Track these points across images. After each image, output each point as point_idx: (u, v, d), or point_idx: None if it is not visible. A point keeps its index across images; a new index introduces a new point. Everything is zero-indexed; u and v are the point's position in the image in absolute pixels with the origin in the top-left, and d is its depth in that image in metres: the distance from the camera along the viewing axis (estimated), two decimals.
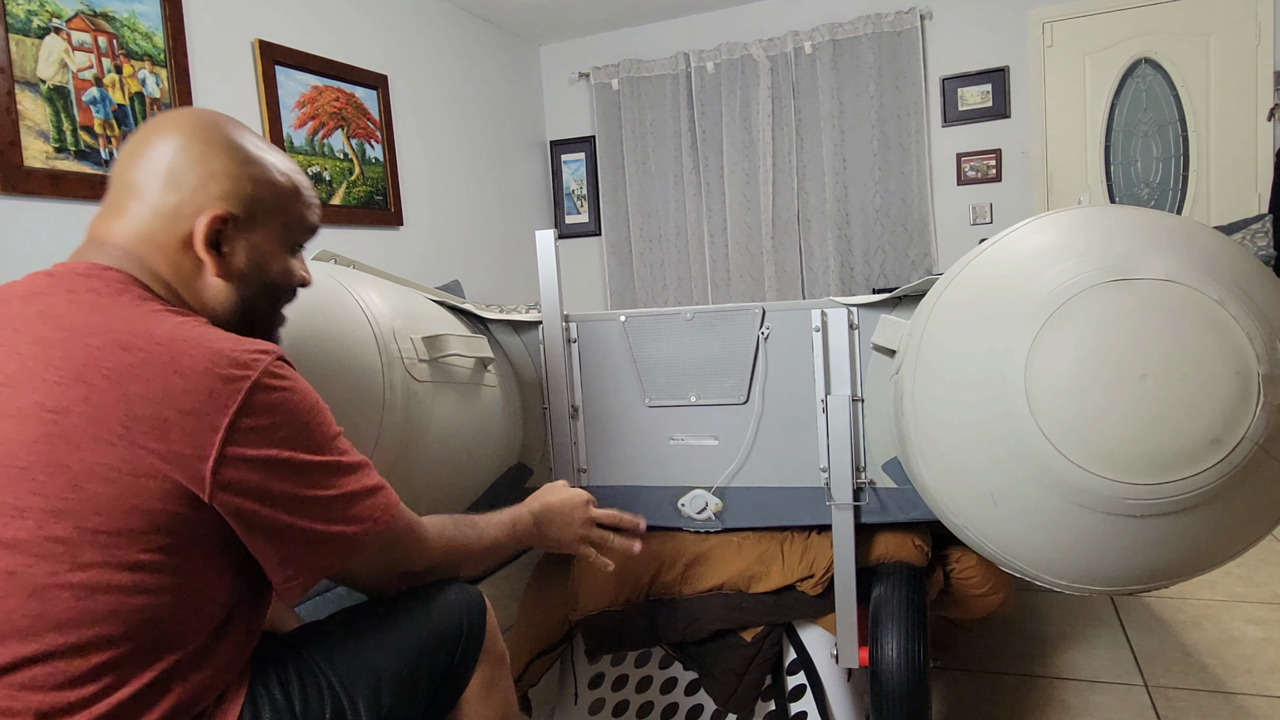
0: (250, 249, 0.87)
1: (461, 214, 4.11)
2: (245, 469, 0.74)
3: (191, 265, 0.84)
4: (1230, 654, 1.81)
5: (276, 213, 0.89)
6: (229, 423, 0.73)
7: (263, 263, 0.88)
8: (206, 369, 0.74)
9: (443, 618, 0.95)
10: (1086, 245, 0.92)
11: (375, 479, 0.86)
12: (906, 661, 1.27)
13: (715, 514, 1.44)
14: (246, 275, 0.87)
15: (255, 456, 0.74)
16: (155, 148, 0.84)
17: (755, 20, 4.42)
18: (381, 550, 0.87)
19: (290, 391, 0.78)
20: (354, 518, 0.82)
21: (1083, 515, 0.89)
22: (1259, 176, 3.75)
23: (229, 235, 0.85)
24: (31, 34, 2.25)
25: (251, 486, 0.74)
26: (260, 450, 0.75)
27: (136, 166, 0.84)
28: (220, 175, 0.84)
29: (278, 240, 0.89)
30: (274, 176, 0.88)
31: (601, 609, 1.46)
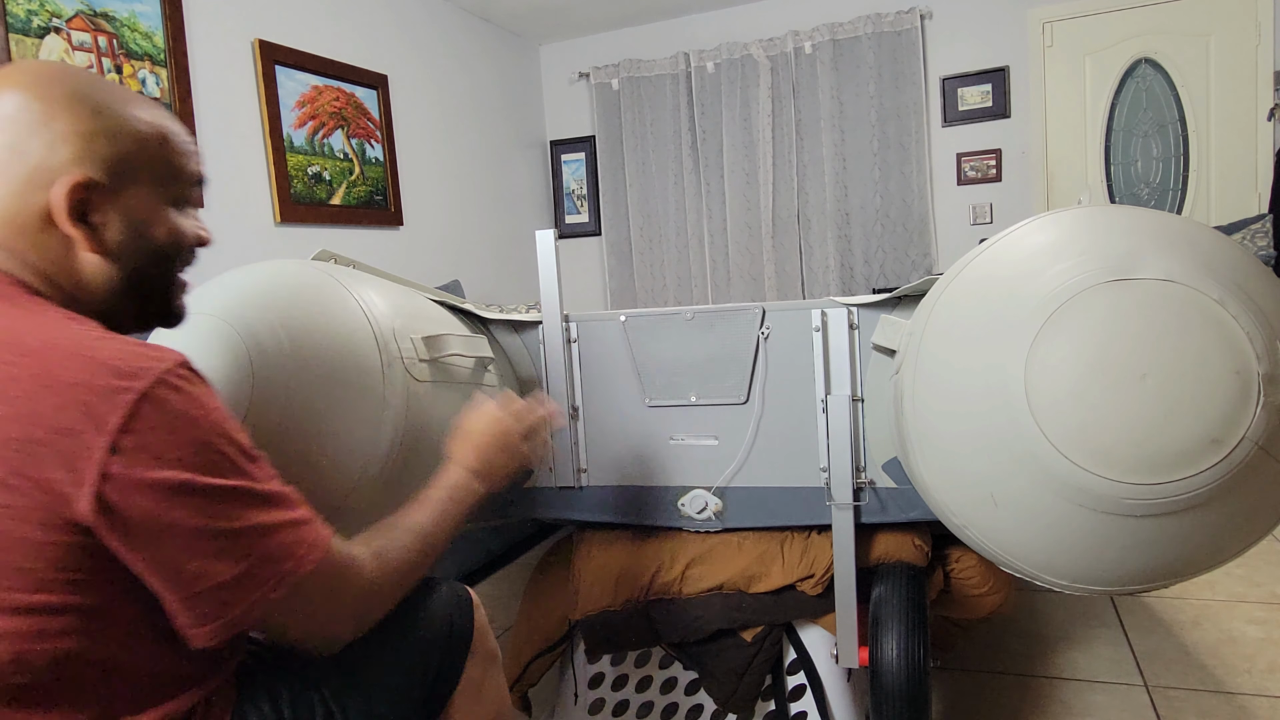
0: (124, 215, 0.75)
1: (461, 214, 4.12)
2: (133, 495, 0.63)
3: (59, 244, 0.73)
4: (1230, 654, 1.81)
5: (146, 168, 0.76)
6: (110, 442, 0.62)
7: (143, 228, 0.76)
8: (81, 381, 0.63)
9: (430, 619, 0.92)
10: (1086, 245, 0.92)
11: (298, 512, 0.74)
12: (906, 661, 1.27)
13: (715, 514, 1.44)
14: (127, 246, 0.75)
15: (144, 480, 0.63)
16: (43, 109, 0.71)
17: (755, 20, 4.42)
18: (309, 599, 0.74)
19: (188, 407, 0.67)
20: (269, 557, 0.70)
21: (1083, 515, 0.89)
22: (1259, 176, 3.75)
23: (95, 204, 0.73)
24: (31, 34, 2.25)
25: (141, 516, 0.64)
26: (150, 473, 0.64)
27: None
28: (70, 135, 0.72)
29: (156, 199, 0.77)
30: (134, 127, 0.75)
31: (601, 609, 1.46)
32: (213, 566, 0.67)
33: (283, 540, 0.71)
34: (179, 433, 0.65)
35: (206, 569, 0.67)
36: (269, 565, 0.70)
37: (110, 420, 0.63)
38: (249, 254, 2.90)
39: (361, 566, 0.80)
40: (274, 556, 0.70)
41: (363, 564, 0.80)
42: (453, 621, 0.95)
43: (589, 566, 1.48)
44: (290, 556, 0.71)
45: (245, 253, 2.89)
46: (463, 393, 1.27)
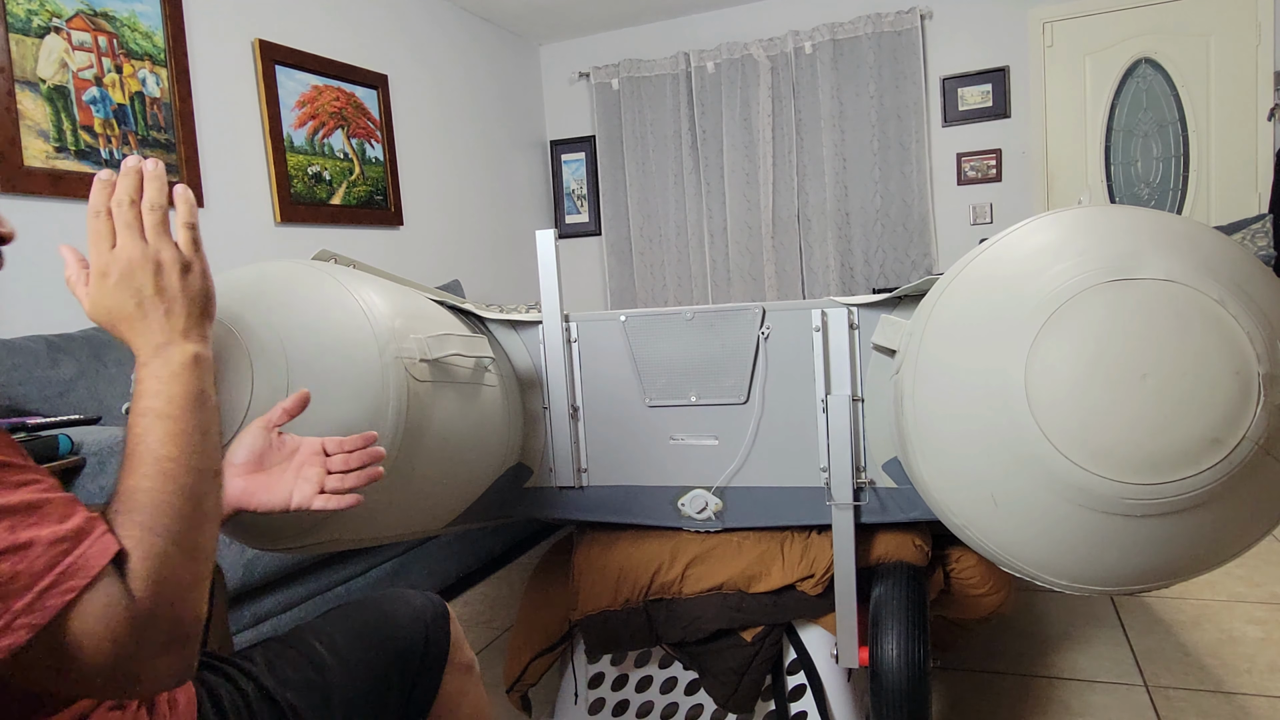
0: None
1: (461, 214, 4.12)
2: None
3: None
4: (1230, 654, 1.81)
5: None
6: None
7: None
8: None
9: (405, 631, 0.90)
10: (1086, 245, 0.92)
11: (65, 523, 0.56)
12: (906, 661, 1.27)
13: (715, 514, 1.44)
14: None
15: None
16: None
17: (755, 20, 4.42)
18: (70, 642, 0.54)
19: None
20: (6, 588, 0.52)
21: (1083, 515, 0.89)
22: (1259, 176, 3.75)
23: None
24: (31, 33, 2.25)
25: None
26: None
27: None
28: None
29: None
30: None
31: (601, 609, 1.46)
32: None
33: (19, 567, 0.53)
34: None
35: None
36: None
37: None
38: (249, 254, 2.90)
39: (137, 583, 0.58)
40: (6, 588, 0.52)
41: (140, 577, 0.58)
42: (428, 634, 0.93)
43: (589, 566, 1.48)
44: (30, 590, 0.53)
45: (245, 253, 2.89)
46: (463, 393, 1.27)
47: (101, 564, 0.56)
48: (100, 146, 2.41)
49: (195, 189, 2.67)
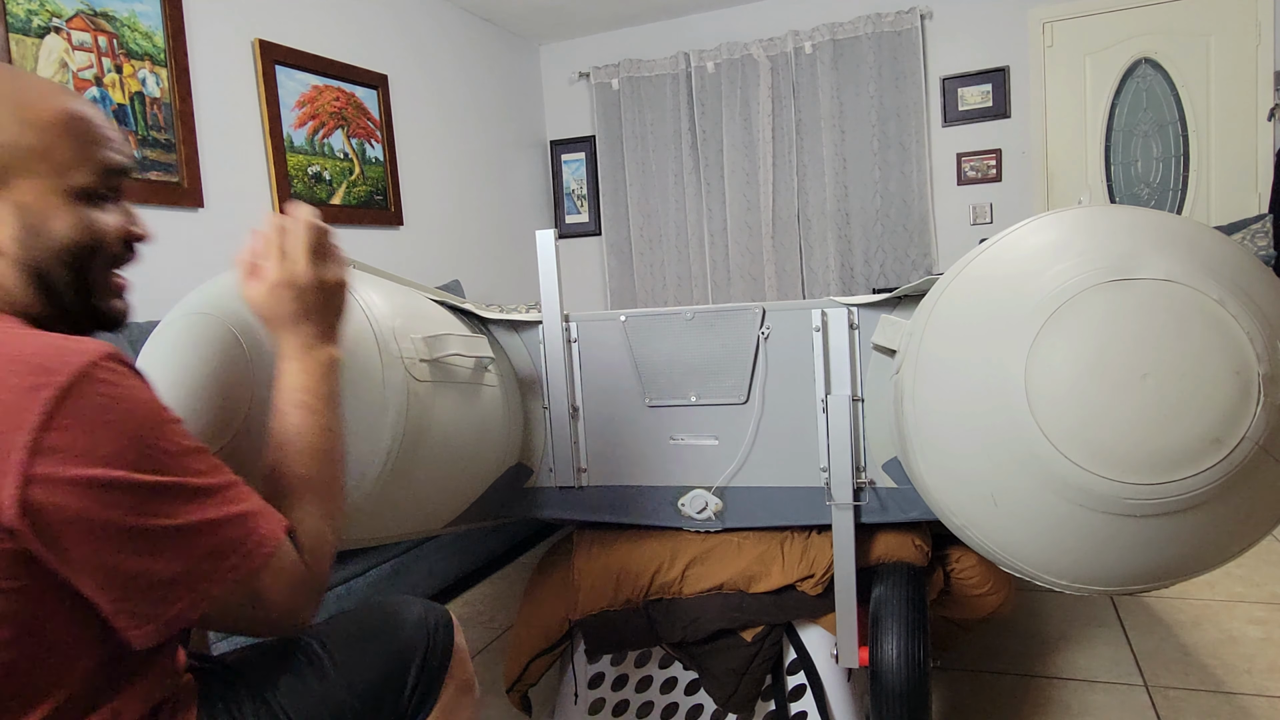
0: (16, 211, 0.69)
1: (461, 214, 4.12)
2: (59, 494, 0.60)
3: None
4: (1230, 654, 1.81)
5: (37, 156, 0.70)
6: (31, 440, 0.59)
7: (39, 224, 0.70)
8: (1, 380, 0.61)
9: (404, 639, 0.89)
10: (1086, 245, 0.92)
11: (244, 505, 0.71)
12: (906, 661, 1.27)
13: (715, 514, 1.44)
14: (23, 244, 0.70)
15: (70, 479, 0.60)
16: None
17: (755, 20, 4.42)
18: (260, 592, 0.71)
19: (117, 400, 0.63)
20: (210, 553, 0.68)
21: (1083, 515, 0.89)
22: (1259, 176, 3.75)
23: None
24: (31, 34, 2.25)
25: (69, 518, 0.61)
26: (76, 471, 0.60)
27: None
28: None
29: (51, 191, 0.71)
30: (24, 112, 0.70)
31: (601, 609, 1.46)
32: (149, 565, 0.64)
33: (227, 536, 0.69)
34: (105, 428, 0.62)
35: (142, 568, 0.64)
36: (210, 561, 0.67)
37: (30, 418, 0.60)
38: None
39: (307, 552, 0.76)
40: (216, 553, 0.68)
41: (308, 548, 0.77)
42: (430, 642, 0.91)
43: (589, 566, 1.48)
44: (234, 552, 0.69)
45: None
46: (463, 393, 1.27)
47: (281, 535, 0.73)
48: None
49: (195, 189, 2.67)
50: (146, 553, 0.64)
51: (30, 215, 0.70)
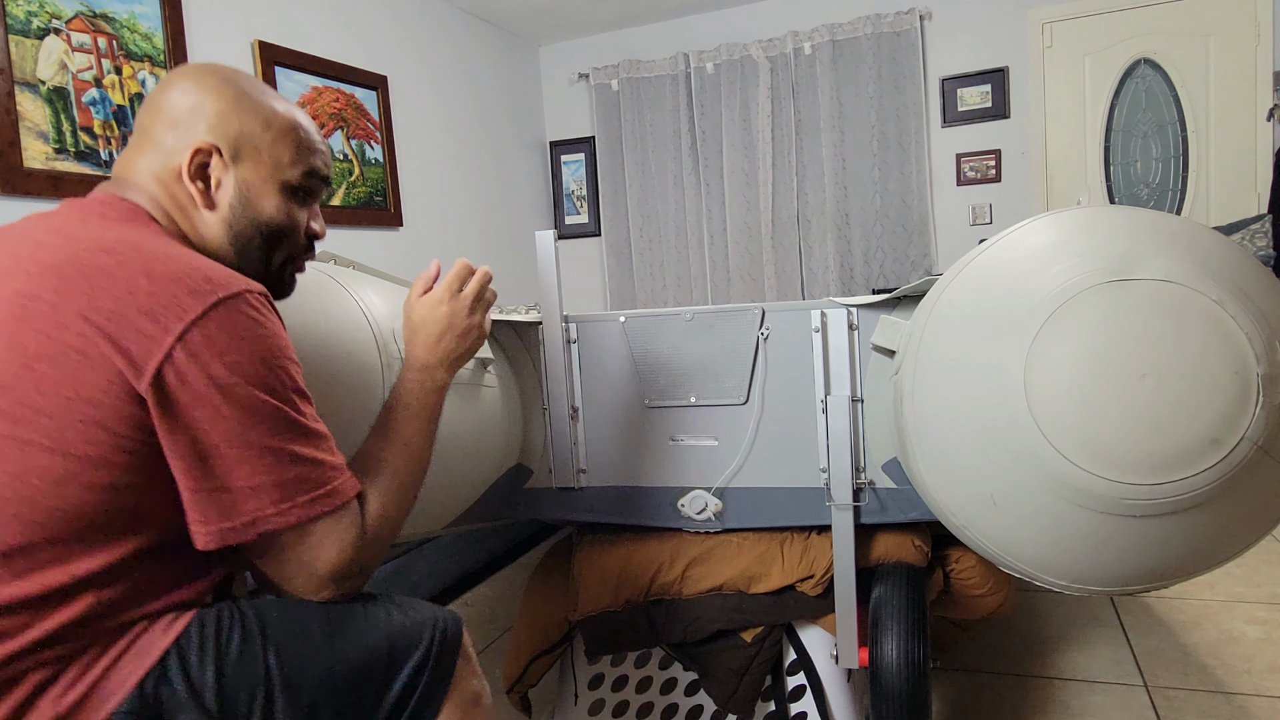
0: (238, 183, 0.88)
1: (461, 214, 4.12)
2: (186, 381, 0.71)
3: (186, 198, 0.87)
4: (1230, 654, 1.81)
5: (265, 148, 0.89)
6: (183, 329, 0.71)
7: (251, 198, 0.88)
8: (177, 277, 0.73)
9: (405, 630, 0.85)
10: (1086, 246, 0.92)
11: (332, 457, 0.80)
12: (906, 662, 1.27)
13: (715, 514, 1.44)
14: (235, 209, 0.88)
15: (200, 372, 0.71)
16: (163, 94, 0.88)
17: (755, 20, 4.42)
18: (313, 542, 0.77)
19: (258, 325, 0.75)
20: (286, 483, 0.75)
21: (1082, 515, 0.89)
22: (1258, 177, 3.75)
23: (215, 167, 0.87)
24: (31, 35, 2.25)
25: (185, 402, 0.71)
26: (209, 368, 0.72)
27: (147, 112, 0.88)
28: (210, 111, 0.87)
29: (268, 177, 0.89)
30: (265, 113, 0.89)
31: (601, 609, 1.46)
32: (231, 469, 0.73)
33: (306, 474, 0.76)
34: (243, 342, 0.73)
35: (224, 470, 0.73)
36: (282, 490, 0.75)
37: (189, 314, 0.72)
38: None
39: (369, 524, 0.82)
40: (291, 484, 0.75)
41: (370, 521, 0.83)
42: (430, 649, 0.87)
43: (589, 567, 1.48)
44: (307, 493, 0.76)
45: None
46: (463, 393, 1.27)
47: (351, 495, 0.80)
48: (100, 148, 2.41)
49: None
50: (233, 458, 0.73)
51: (246, 189, 0.88)
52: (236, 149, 0.88)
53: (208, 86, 0.88)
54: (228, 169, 0.87)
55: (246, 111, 0.88)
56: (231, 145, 0.87)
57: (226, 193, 0.87)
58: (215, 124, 0.87)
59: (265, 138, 0.89)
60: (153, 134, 0.87)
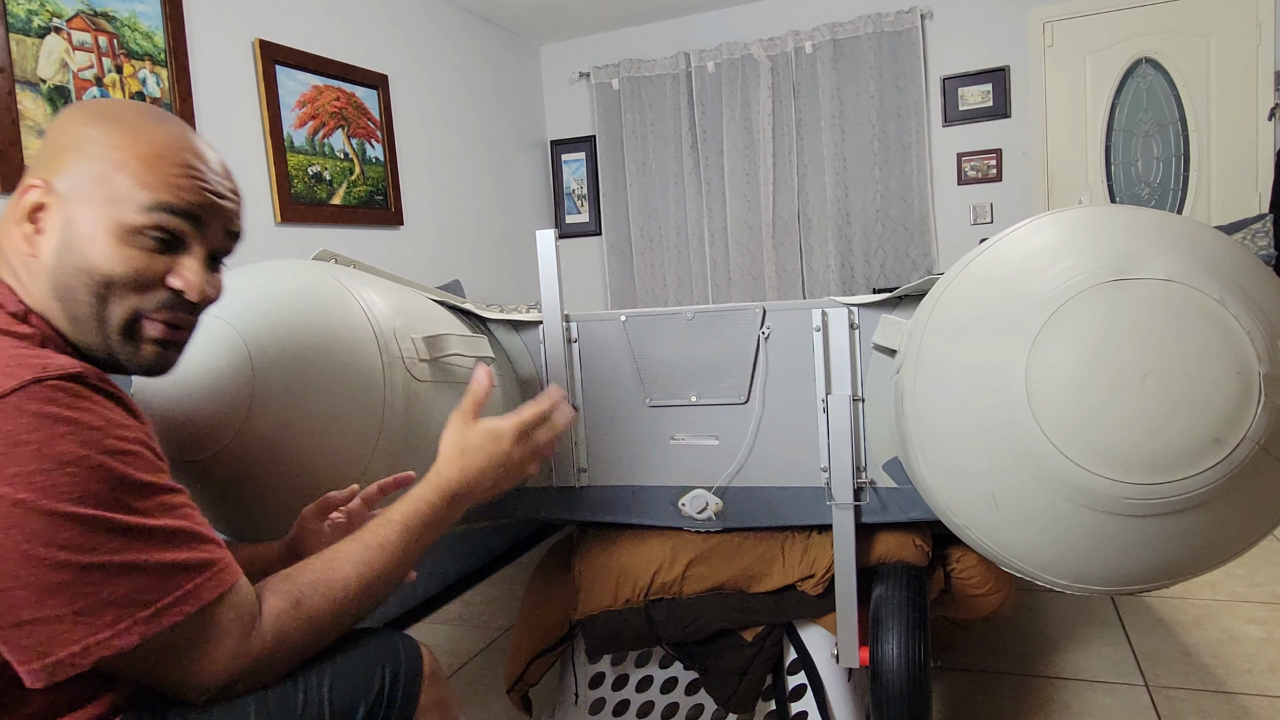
0: (62, 223, 0.71)
1: (462, 214, 4.11)
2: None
3: (20, 239, 0.73)
4: (1231, 654, 1.81)
5: (101, 179, 0.72)
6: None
7: (75, 242, 0.71)
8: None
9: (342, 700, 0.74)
10: (1087, 245, 0.92)
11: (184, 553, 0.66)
12: (907, 661, 1.27)
13: (715, 514, 1.44)
14: (59, 255, 0.71)
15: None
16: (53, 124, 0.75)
17: (755, 20, 4.42)
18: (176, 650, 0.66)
19: (43, 425, 0.61)
20: (116, 600, 0.63)
21: (1084, 515, 0.89)
22: (1259, 176, 3.75)
23: (48, 205, 0.72)
24: (32, 34, 2.25)
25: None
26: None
27: None
28: (54, 143, 0.73)
29: (98, 215, 0.72)
30: (112, 139, 0.72)
31: (602, 609, 1.46)
32: (40, 600, 0.60)
33: (145, 584, 0.63)
34: (28, 447, 0.60)
35: (29, 601, 0.60)
36: (114, 609, 0.62)
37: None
38: (249, 254, 2.90)
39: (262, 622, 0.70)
40: (124, 600, 0.63)
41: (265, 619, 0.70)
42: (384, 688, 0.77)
43: (589, 566, 1.48)
44: (149, 604, 0.64)
45: (246, 253, 2.89)
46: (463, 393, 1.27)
47: (213, 595, 0.67)
48: None
49: None
50: (38, 586, 0.60)
51: (70, 229, 0.72)
52: (69, 184, 0.71)
53: (61, 120, 0.74)
54: (56, 208, 0.71)
55: (88, 141, 0.72)
56: (63, 180, 0.71)
57: (52, 236, 0.71)
58: (53, 158, 0.72)
59: (102, 167, 0.72)
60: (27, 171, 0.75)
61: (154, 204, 0.73)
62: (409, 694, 0.78)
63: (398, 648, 0.80)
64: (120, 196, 0.72)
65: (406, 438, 1.14)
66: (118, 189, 0.72)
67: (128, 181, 0.72)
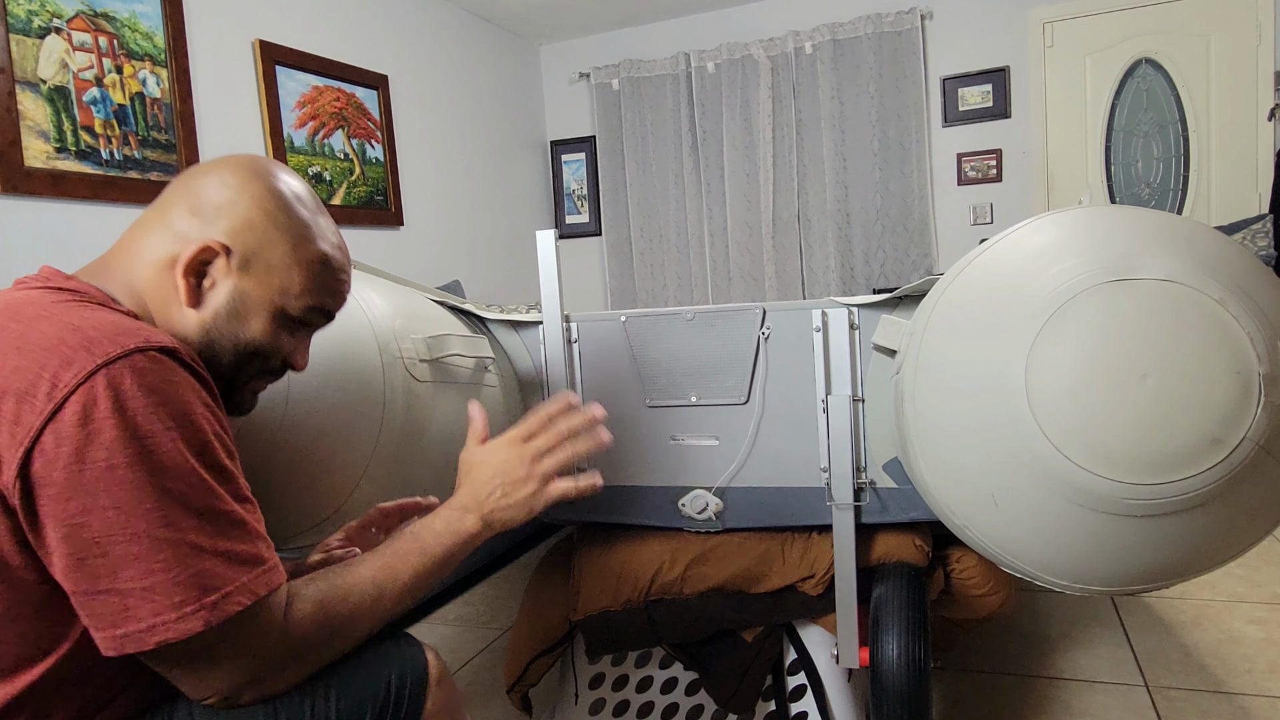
0: (234, 292, 0.78)
1: (462, 214, 4.12)
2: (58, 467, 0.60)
3: (169, 288, 0.77)
4: (1231, 654, 1.81)
5: (280, 269, 0.79)
6: (52, 409, 0.60)
7: (241, 311, 0.78)
8: (51, 345, 0.62)
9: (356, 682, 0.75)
10: (1087, 245, 0.92)
11: (247, 546, 0.67)
12: (907, 661, 1.27)
13: (716, 514, 1.44)
14: (220, 317, 0.78)
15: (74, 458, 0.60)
16: (201, 177, 0.80)
17: (755, 20, 4.42)
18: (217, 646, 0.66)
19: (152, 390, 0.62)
20: (187, 582, 0.63)
21: (1083, 515, 0.89)
22: (1259, 176, 3.75)
23: (216, 268, 0.77)
24: (32, 34, 2.25)
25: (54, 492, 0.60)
26: (85, 451, 0.60)
27: (175, 189, 0.80)
28: (241, 213, 0.78)
29: (268, 299, 0.79)
30: (296, 237, 0.80)
31: (602, 609, 1.46)
32: (121, 569, 0.61)
33: (213, 570, 0.64)
34: (129, 415, 0.61)
35: (112, 569, 0.61)
36: (182, 590, 0.63)
37: (60, 386, 0.60)
38: None
39: (293, 626, 0.70)
40: (194, 583, 0.63)
41: (296, 622, 0.71)
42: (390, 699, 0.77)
43: (589, 566, 1.48)
44: (214, 590, 0.64)
45: None
46: (463, 393, 1.27)
47: (264, 592, 0.67)
48: (101, 147, 2.41)
49: None
50: (121, 555, 0.61)
51: (239, 301, 0.78)
52: (247, 259, 0.78)
53: (248, 189, 0.79)
54: (229, 275, 0.78)
55: (277, 228, 0.79)
56: (244, 254, 0.78)
57: (219, 297, 0.78)
58: (237, 228, 0.78)
59: (285, 260, 0.80)
60: (170, 214, 0.78)
61: (315, 306, 0.83)
62: (415, 700, 0.79)
63: (405, 653, 0.80)
64: (289, 290, 0.80)
65: (406, 438, 1.14)
66: (290, 284, 0.80)
67: (301, 281, 0.81)
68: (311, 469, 1.05)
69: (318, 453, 1.05)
